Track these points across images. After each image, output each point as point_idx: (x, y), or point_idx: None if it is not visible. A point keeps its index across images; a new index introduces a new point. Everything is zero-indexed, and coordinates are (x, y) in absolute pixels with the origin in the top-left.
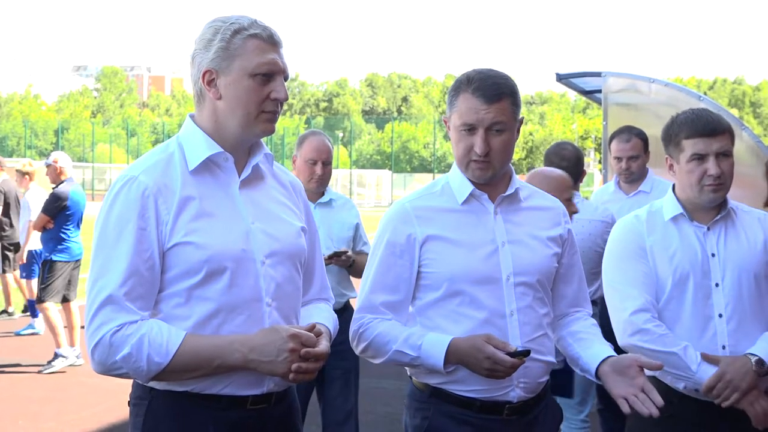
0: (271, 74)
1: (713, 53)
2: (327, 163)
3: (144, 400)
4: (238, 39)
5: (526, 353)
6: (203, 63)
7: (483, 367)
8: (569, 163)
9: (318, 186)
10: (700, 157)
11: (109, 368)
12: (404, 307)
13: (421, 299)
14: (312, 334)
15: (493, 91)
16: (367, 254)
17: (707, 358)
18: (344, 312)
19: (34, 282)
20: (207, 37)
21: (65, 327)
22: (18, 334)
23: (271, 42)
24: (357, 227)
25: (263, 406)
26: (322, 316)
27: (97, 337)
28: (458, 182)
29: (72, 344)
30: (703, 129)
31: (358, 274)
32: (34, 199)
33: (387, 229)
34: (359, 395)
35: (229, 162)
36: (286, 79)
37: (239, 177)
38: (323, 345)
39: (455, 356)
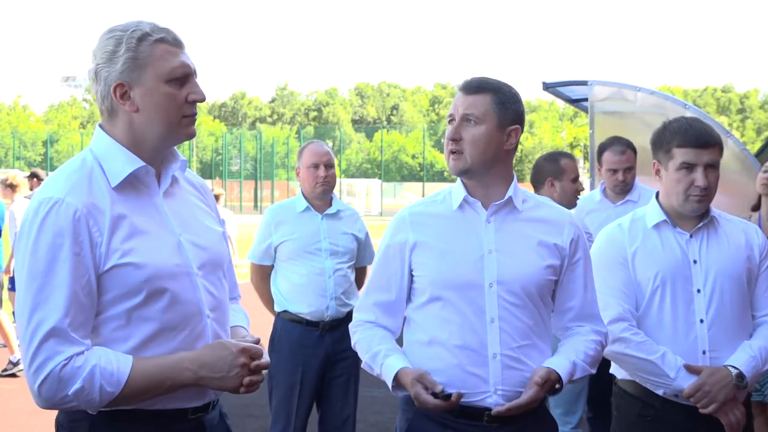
0: (185, 76)
1: (702, 62)
2: (329, 166)
3: (83, 421)
4: (145, 46)
5: (448, 397)
6: (111, 77)
7: (416, 403)
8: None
9: (324, 191)
10: (689, 167)
11: (57, 403)
12: (397, 307)
13: (413, 302)
14: (259, 347)
15: (474, 83)
16: None
17: (689, 369)
18: (347, 321)
19: None
20: (109, 49)
21: None
22: (4, 347)
23: (177, 44)
24: (362, 241)
25: (201, 414)
26: (238, 317)
27: (45, 372)
28: (457, 189)
29: None
30: (696, 140)
31: None
32: (19, 211)
33: (386, 235)
34: None
35: (150, 175)
36: (196, 77)
37: (159, 188)
38: (266, 356)
39: (401, 386)
